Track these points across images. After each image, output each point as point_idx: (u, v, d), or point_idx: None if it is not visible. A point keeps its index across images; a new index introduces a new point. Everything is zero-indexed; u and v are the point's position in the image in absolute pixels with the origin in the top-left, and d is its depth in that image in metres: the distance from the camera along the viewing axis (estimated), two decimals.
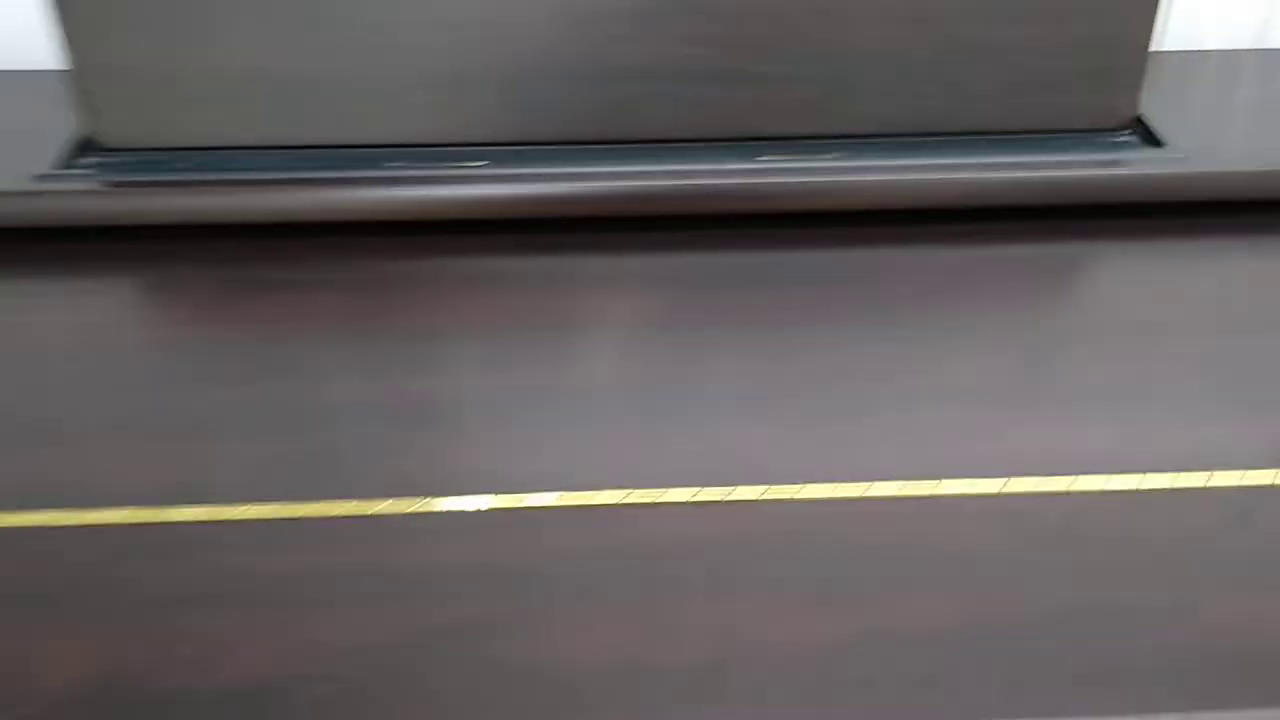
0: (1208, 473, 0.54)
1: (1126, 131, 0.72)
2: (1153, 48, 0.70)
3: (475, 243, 0.68)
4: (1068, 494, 0.53)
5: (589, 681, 0.46)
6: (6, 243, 0.66)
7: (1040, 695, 0.45)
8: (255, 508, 0.52)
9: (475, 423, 0.57)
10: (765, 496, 0.52)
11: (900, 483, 0.53)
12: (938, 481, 0.53)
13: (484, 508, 0.52)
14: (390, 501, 0.52)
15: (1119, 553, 0.51)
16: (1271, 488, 0.53)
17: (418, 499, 0.52)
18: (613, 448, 0.55)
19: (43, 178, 0.66)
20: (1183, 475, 0.54)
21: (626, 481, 0.53)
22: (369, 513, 0.51)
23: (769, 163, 0.69)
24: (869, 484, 0.53)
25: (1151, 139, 0.72)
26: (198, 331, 0.63)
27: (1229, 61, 0.85)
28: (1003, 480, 0.53)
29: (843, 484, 0.53)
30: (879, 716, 0.45)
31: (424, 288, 0.66)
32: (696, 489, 0.53)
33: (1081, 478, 0.53)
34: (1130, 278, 0.68)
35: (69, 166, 0.67)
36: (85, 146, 0.69)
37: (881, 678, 0.46)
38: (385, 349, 0.61)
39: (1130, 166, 0.70)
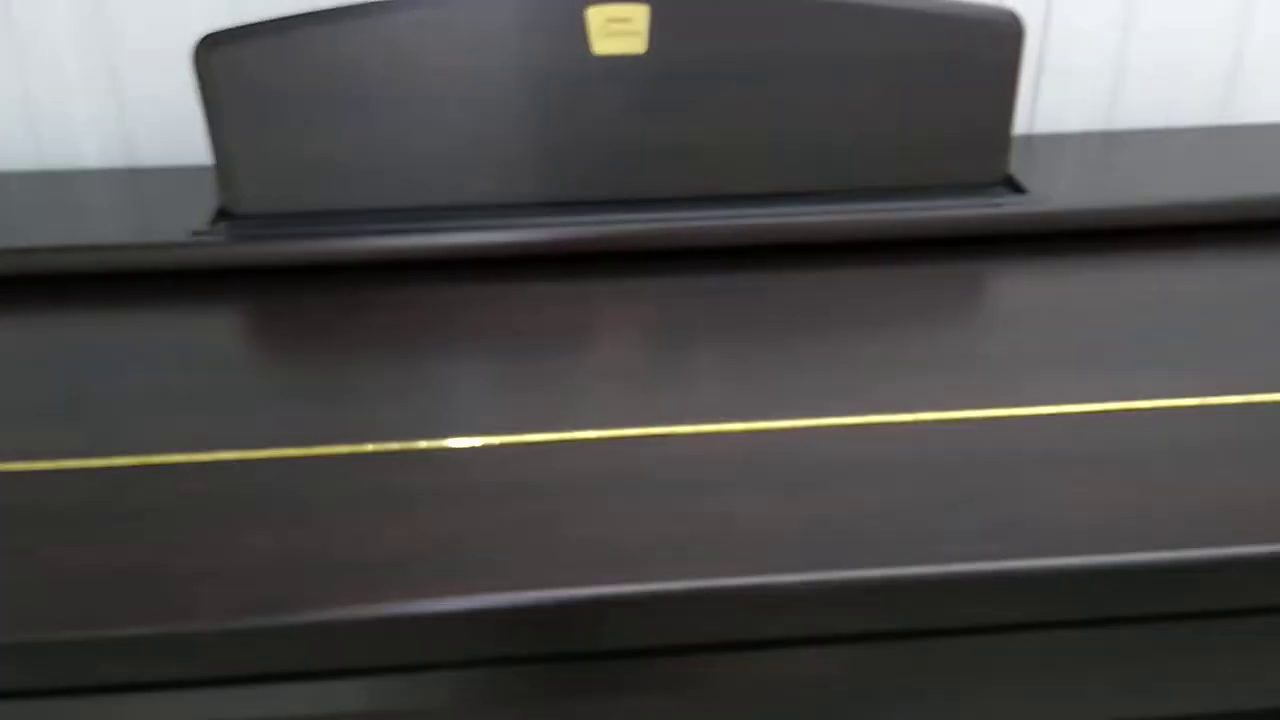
0: (1065, 405, 0.73)
1: (1000, 185, 0.95)
2: (1022, 130, 0.94)
3: (516, 273, 0.89)
4: (961, 421, 0.72)
5: (631, 549, 0.62)
6: (174, 281, 0.88)
7: (940, 549, 0.62)
8: (374, 445, 0.69)
9: (535, 388, 0.76)
10: (746, 429, 0.71)
11: (841, 418, 0.71)
12: (868, 416, 0.72)
13: (541, 440, 0.70)
14: (474, 439, 0.70)
15: (998, 457, 0.69)
16: (1109, 413, 0.73)
17: (494, 436, 0.70)
18: (632, 400, 0.74)
19: (196, 233, 0.89)
20: (1047, 408, 0.73)
21: (647, 421, 0.71)
22: (460, 447, 0.70)
23: (735, 212, 0.91)
24: (819, 419, 0.71)
25: (1019, 190, 0.95)
26: (313, 341, 0.82)
27: (1081, 140, 1.10)
28: (916, 414, 0.72)
29: (801, 419, 0.71)
30: (826, 562, 0.61)
31: (479, 306, 0.85)
32: (698, 425, 0.71)
33: (972, 411, 0.72)
34: (1007, 285, 0.89)
35: (214, 225, 0.89)
36: (225, 213, 0.91)
37: (833, 543, 0.62)
38: (454, 346, 0.81)
39: (1002, 208, 0.93)
